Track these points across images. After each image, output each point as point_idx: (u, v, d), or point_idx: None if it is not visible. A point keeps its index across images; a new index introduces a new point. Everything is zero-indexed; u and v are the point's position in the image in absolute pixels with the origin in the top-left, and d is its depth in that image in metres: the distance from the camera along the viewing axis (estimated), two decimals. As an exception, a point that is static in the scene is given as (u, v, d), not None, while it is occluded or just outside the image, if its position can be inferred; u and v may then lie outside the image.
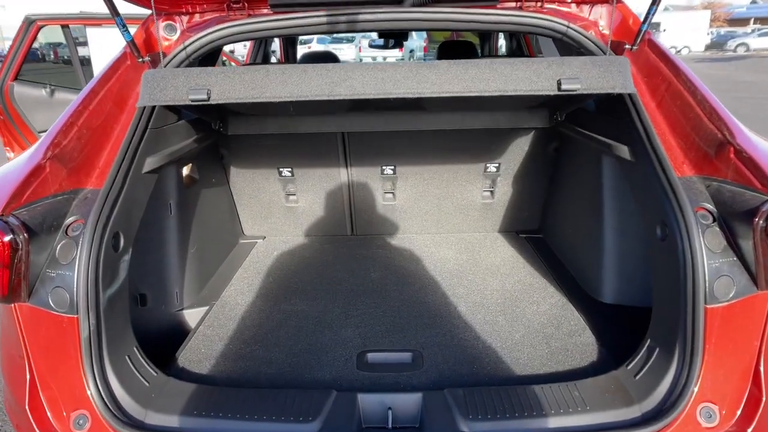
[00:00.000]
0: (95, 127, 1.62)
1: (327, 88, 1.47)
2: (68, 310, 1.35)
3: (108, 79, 1.76)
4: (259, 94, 1.47)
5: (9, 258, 1.29)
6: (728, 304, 1.32)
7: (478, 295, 2.16)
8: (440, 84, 1.45)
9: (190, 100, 1.47)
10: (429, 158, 2.54)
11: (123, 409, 1.38)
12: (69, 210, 1.44)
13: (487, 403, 1.40)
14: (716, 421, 1.34)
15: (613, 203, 1.96)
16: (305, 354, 1.79)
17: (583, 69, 1.45)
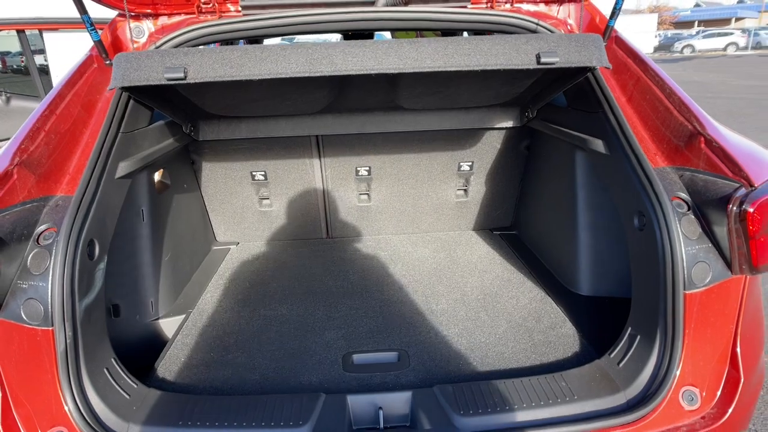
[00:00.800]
0: (63, 131, 1.56)
1: (307, 65, 1.42)
2: (42, 322, 1.29)
3: (74, 82, 1.70)
4: (238, 72, 1.41)
5: None
6: (705, 289, 1.37)
7: (458, 292, 2.17)
8: (421, 59, 1.43)
9: (166, 78, 1.41)
10: (403, 159, 2.55)
11: (103, 424, 1.33)
12: (39, 218, 1.37)
13: (477, 398, 1.41)
14: (698, 404, 1.38)
15: (586, 198, 2.00)
16: (289, 358, 1.76)
17: (560, 44, 1.46)
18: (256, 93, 1.81)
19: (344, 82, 1.82)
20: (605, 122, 1.63)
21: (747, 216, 1.26)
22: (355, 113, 2.29)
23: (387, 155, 2.51)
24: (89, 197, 1.42)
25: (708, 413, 1.40)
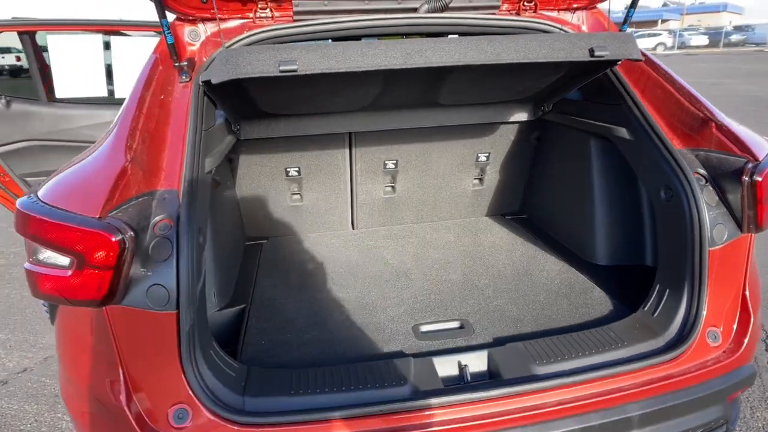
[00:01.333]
0: (152, 130, 1.68)
1: (403, 59, 1.57)
2: (166, 306, 1.40)
3: (149, 84, 1.81)
4: (342, 64, 1.55)
5: (116, 259, 1.34)
6: (723, 246, 1.67)
7: (493, 269, 2.41)
8: (499, 53, 1.61)
9: (280, 70, 1.52)
10: (428, 151, 2.76)
11: (222, 399, 1.46)
12: (151, 210, 1.49)
13: (546, 351, 1.64)
14: (720, 341, 1.68)
15: (601, 179, 2.29)
16: (363, 332, 1.93)
17: (607, 40, 1.69)
18: (320, 89, 1.97)
19: (396, 78, 1.99)
20: (628, 113, 1.91)
21: (757, 184, 1.57)
22: (388, 110, 2.48)
23: (413, 148, 2.72)
24: (193, 191, 1.54)
25: (727, 348, 1.70)
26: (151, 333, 1.43)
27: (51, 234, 1.36)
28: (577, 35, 1.70)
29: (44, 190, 1.49)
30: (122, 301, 1.40)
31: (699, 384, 1.61)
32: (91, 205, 1.36)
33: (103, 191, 1.39)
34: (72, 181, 1.49)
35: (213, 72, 1.60)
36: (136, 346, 1.45)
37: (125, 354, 1.44)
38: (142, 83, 1.80)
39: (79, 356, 1.55)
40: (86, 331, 1.51)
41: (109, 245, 1.32)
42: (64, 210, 1.36)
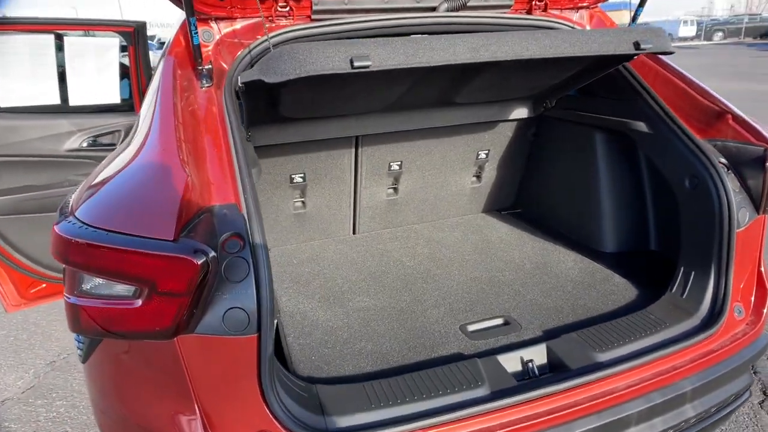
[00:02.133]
0: (191, 140, 1.54)
1: (470, 53, 1.54)
2: (246, 330, 1.30)
3: (175, 90, 1.66)
4: (413, 59, 1.49)
5: (196, 284, 1.22)
6: (745, 227, 1.81)
7: (512, 264, 2.46)
8: (555, 47, 1.62)
9: (354, 67, 1.42)
10: (432, 151, 2.75)
11: (305, 422, 1.38)
12: (215, 228, 1.37)
13: (601, 338, 1.71)
14: (743, 314, 1.83)
15: (606, 171, 2.41)
16: (414, 338, 1.90)
17: (647, 34, 1.74)
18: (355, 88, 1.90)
19: (431, 75, 1.96)
20: (646, 107, 2.02)
21: (778, 170, 1.73)
22: (399, 111, 2.45)
23: (417, 149, 2.71)
24: (254, 205, 1.44)
25: (750, 320, 1.85)
26: (229, 360, 1.33)
27: (114, 262, 1.21)
28: (619, 29, 1.76)
29: (87, 211, 1.32)
30: (195, 329, 1.28)
31: (733, 355, 1.75)
32: (162, 226, 1.23)
33: (171, 210, 1.26)
34: (125, 199, 1.34)
35: (268, 71, 1.48)
36: (212, 377, 1.33)
37: (200, 386, 1.33)
38: (170, 89, 1.65)
39: (139, 393, 1.40)
40: (149, 366, 1.37)
41: (190, 270, 1.20)
42: (129, 234, 1.22)
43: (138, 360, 1.39)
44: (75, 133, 3.03)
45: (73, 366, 3.08)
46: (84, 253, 1.24)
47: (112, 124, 3.10)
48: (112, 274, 1.24)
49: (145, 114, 1.74)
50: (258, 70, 1.54)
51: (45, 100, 2.98)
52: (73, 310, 1.30)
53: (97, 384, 1.54)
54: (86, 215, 1.30)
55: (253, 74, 1.56)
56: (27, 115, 2.97)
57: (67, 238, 1.26)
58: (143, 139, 1.57)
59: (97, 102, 3.09)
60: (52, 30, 2.92)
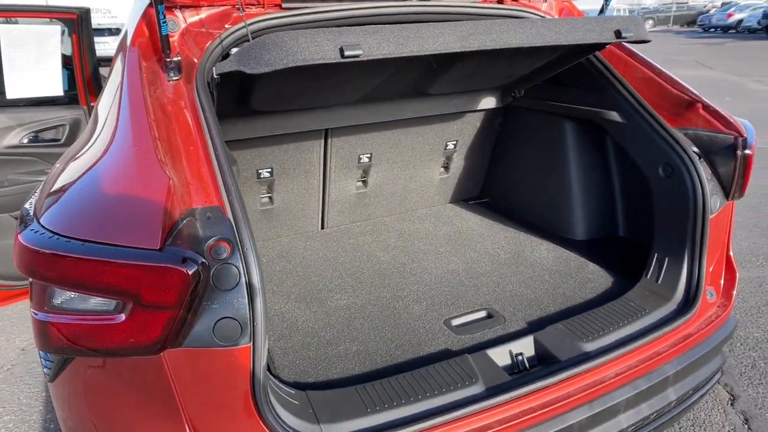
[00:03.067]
0: (165, 139, 1.43)
1: (459, 42, 1.50)
2: (239, 341, 1.22)
3: (141, 85, 1.54)
4: (402, 49, 1.44)
5: (187, 295, 1.13)
6: (717, 213, 1.88)
7: (486, 255, 2.46)
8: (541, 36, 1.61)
9: (345, 56, 1.35)
10: (401, 142, 2.71)
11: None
12: (199, 233, 1.27)
13: (586, 328, 1.73)
14: (715, 298, 1.91)
15: (576, 160, 2.44)
16: (398, 336, 1.86)
17: (627, 23, 1.75)
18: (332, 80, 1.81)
19: (410, 65, 1.90)
20: (618, 97, 2.05)
21: (748, 157, 1.79)
22: (370, 102, 2.38)
23: (387, 141, 2.65)
24: (239, 206, 1.35)
25: (720, 303, 1.93)
26: (220, 373, 1.24)
27: (93, 275, 1.11)
28: (599, 19, 1.76)
29: (54, 218, 1.20)
30: (184, 343, 1.19)
31: (709, 338, 1.82)
32: (146, 234, 1.13)
33: (155, 216, 1.16)
34: (99, 205, 1.22)
35: (249, 61, 1.38)
36: (202, 391, 1.25)
37: (189, 402, 1.24)
38: (137, 83, 1.52)
39: (118, 413, 1.30)
40: (130, 383, 1.26)
41: (181, 280, 1.11)
42: (109, 244, 1.11)
43: (117, 377, 1.28)
44: (14, 129, 2.79)
45: (20, 378, 2.87)
46: (56, 265, 1.13)
47: (55, 118, 2.88)
48: (90, 287, 1.13)
49: (107, 110, 1.60)
50: (236, 61, 1.44)
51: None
52: (42, 327, 1.19)
53: (68, 404, 1.42)
54: (54, 223, 1.18)
55: (230, 65, 1.46)
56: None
57: (34, 249, 1.14)
58: (109, 138, 1.44)
59: (37, 94, 2.86)
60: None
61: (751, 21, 24.21)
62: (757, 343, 2.80)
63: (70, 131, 2.91)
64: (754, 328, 2.93)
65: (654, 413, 1.68)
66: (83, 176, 1.34)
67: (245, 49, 1.41)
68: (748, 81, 11.40)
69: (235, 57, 1.44)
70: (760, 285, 3.36)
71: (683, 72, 12.76)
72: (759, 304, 3.16)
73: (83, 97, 2.95)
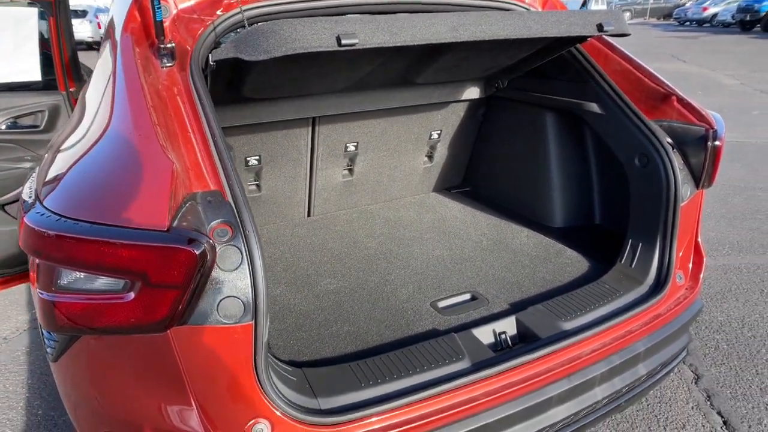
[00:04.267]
0: (164, 125, 1.47)
1: (450, 33, 1.54)
2: (241, 318, 1.28)
3: (137, 70, 1.56)
4: (396, 38, 1.47)
5: (193, 275, 1.18)
6: (687, 201, 2.00)
7: (469, 241, 2.55)
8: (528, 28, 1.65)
9: (342, 44, 1.37)
10: (387, 131, 2.77)
11: (300, 406, 1.40)
12: (201, 215, 1.32)
13: (565, 308, 1.84)
14: (684, 281, 2.03)
15: (556, 150, 2.54)
16: (389, 317, 1.94)
17: (608, 16, 1.81)
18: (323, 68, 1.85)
19: (399, 54, 1.94)
20: (598, 89, 2.14)
21: (718, 148, 1.91)
22: (358, 91, 2.43)
23: (373, 129, 2.71)
24: (240, 191, 1.40)
25: (688, 285, 2.06)
26: (224, 349, 1.30)
27: (102, 256, 1.15)
28: (582, 12, 1.83)
29: (59, 200, 1.24)
30: (189, 320, 1.25)
31: (677, 317, 1.94)
32: (154, 215, 1.18)
33: (161, 198, 1.21)
34: (105, 187, 1.26)
35: (246, 48, 1.41)
36: (206, 366, 1.31)
37: (194, 376, 1.30)
38: (133, 69, 1.55)
39: (125, 388, 1.35)
40: (136, 359, 1.32)
41: (189, 260, 1.16)
42: (117, 225, 1.16)
43: (123, 354, 1.33)
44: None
45: (4, 366, 2.88)
46: (64, 247, 1.17)
47: (34, 104, 2.84)
48: (99, 268, 1.18)
49: (99, 95, 1.63)
50: (234, 48, 1.47)
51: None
52: (49, 307, 1.23)
53: (71, 382, 1.47)
54: (59, 205, 1.22)
55: (228, 52, 1.50)
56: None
57: (41, 231, 1.18)
58: (106, 122, 1.48)
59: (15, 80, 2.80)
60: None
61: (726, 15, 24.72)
62: (720, 327, 2.97)
63: (49, 117, 2.87)
64: (718, 312, 3.10)
65: (626, 386, 1.80)
66: (84, 159, 1.37)
67: (242, 37, 1.45)
68: (720, 75, 11.70)
69: (232, 44, 1.48)
70: (726, 272, 3.53)
71: (658, 65, 13.02)
72: (723, 290, 3.32)
73: (62, 82, 2.88)
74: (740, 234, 4.10)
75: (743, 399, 2.43)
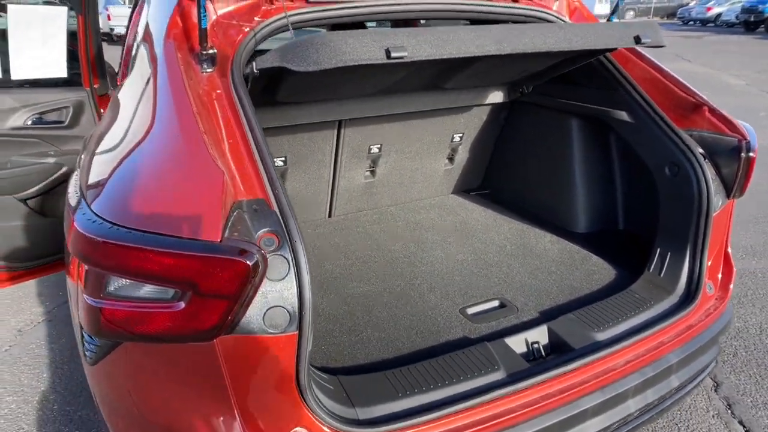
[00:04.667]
0: (209, 131, 1.46)
1: (495, 45, 1.55)
2: (288, 328, 1.28)
3: (181, 77, 1.56)
4: (442, 50, 1.48)
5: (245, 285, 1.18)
6: (718, 212, 2.00)
7: (493, 245, 2.55)
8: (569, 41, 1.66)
9: (392, 57, 1.39)
10: (411, 134, 2.76)
11: (339, 416, 1.40)
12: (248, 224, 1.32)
13: (596, 317, 1.84)
14: (714, 291, 2.03)
15: (580, 155, 2.54)
16: (417, 324, 1.94)
17: (645, 29, 1.81)
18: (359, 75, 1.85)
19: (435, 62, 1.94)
20: (628, 97, 2.14)
21: (751, 159, 1.91)
22: (385, 95, 2.43)
23: (397, 131, 2.70)
24: (285, 199, 1.40)
25: (718, 296, 2.06)
26: (268, 358, 1.30)
27: (155, 266, 1.15)
28: (619, 24, 1.83)
29: (110, 206, 1.24)
30: (235, 330, 1.25)
31: (708, 328, 1.94)
32: (207, 226, 1.17)
33: (213, 208, 1.20)
34: (156, 195, 1.26)
35: (295, 58, 1.41)
36: (249, 375, 1.31)
37: (236, 386, 1.30)
38: (178, 75, 1.54)
39: (168, 397, 1.35)
40: (179, 366, 1.32)
41: (241, 271, 1.16)
42: (170, 235, 1.16)
43: (167, 361, 1.33)
44: (18, 110, 2.75)
45: (18, 359, 2.88)
46: (116, 254, 1.17)
47: (59, 100, 2.85)
48: (150, 277, 1.18)
49: (139, 98, 1.62)
50: (279, 57, 1.47)
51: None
52: (96, 313, 1.23)
53: (110, 386, 1.47)
54: (110, 211, 1.22)
55: (273, 61, 1.49)
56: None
57: (92, 238, 1.18)
58: (149, 126, 1.47)
59: (42, 75, 2.82)
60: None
61: (730, 15, 24.68)
62: (738, 333, 2.97)
63: (74, 113, 2.89)
64: (735, 318, 3.10)
65: (658, 399, 1.80)
66: (130, 164, 1.37)
67: (290, 47, 1.45)
68: (725, 75, 11.70)
69: (278, 53, 1.48)
70: (741, 277, 3.53)
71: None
72: (739, 295, 3.32)
73: (86, 78, 2.91)
74: (754, 238, 4.10)
75: (764, 408, 2.44)
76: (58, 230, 2.91)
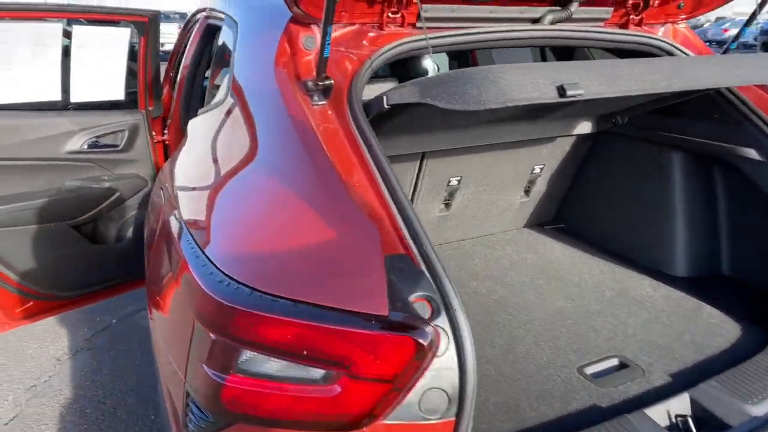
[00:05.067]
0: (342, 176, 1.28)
1: (665, 81, 1.41)
2: (444, 413, 1.08)
3: (302, 111, 1.39)
4: (615, 88, 1.34)
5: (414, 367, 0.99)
6: None
7: (587, 288, 2.34)
8: (738, 76, 1.54)
9: (568, 95, 1.24)
10: (491, 165, 2.58)
11: None
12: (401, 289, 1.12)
13: (744, 385, 1.62)
14: None
15: (682, 193, 2.34)
16: (533, 385, 1.73)
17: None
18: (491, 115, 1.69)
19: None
20: (756, 132, 1.94)
21: None
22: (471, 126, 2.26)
23: (477, 163, 2.53)
24: (434, 254, 1.21)
25: None
26: None
27: (306, 343, 0.96)
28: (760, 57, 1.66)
29: (244, 267, 1.06)
30: (387, 417, 1.06)
31: None
32: (371, 296, 0.98)
33: (375, 274, 1.01)
34: (302, 254, 1.07)
35: (445, 96, 1.23)
36: None
37: None
38: (298, 105, 1.37)
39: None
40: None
41: (410, 350, 0.97)
42: (327, 307, 0.97)
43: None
44: (76, 133, 2.62)
45: (58, 391, 2.71)
46: (258, 327, 0.98)
47: (116, 123, 2.73)
48: (297, 355, 0.99)
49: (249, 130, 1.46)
50: (421, 93, 1.30)
51: (45, 96, 2.56)
52: (219, 389, 1.05)
53: None
54: (244, 273, 1.04)
55: (412, 96, 1.32)
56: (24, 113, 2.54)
57: (232, 307, 0.99)
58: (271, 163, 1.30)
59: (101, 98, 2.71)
60: (58, 18, 2.50)
61: (748, 37, 24.55)
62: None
63: (129, 136, 2.78)
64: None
65: None
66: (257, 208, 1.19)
67: (437, 82, 1.28)
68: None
69: (418, 89, 1.31)
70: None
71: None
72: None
73: (143, 100, 2.82)
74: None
75: None
76: (107, 257, 2.79)
